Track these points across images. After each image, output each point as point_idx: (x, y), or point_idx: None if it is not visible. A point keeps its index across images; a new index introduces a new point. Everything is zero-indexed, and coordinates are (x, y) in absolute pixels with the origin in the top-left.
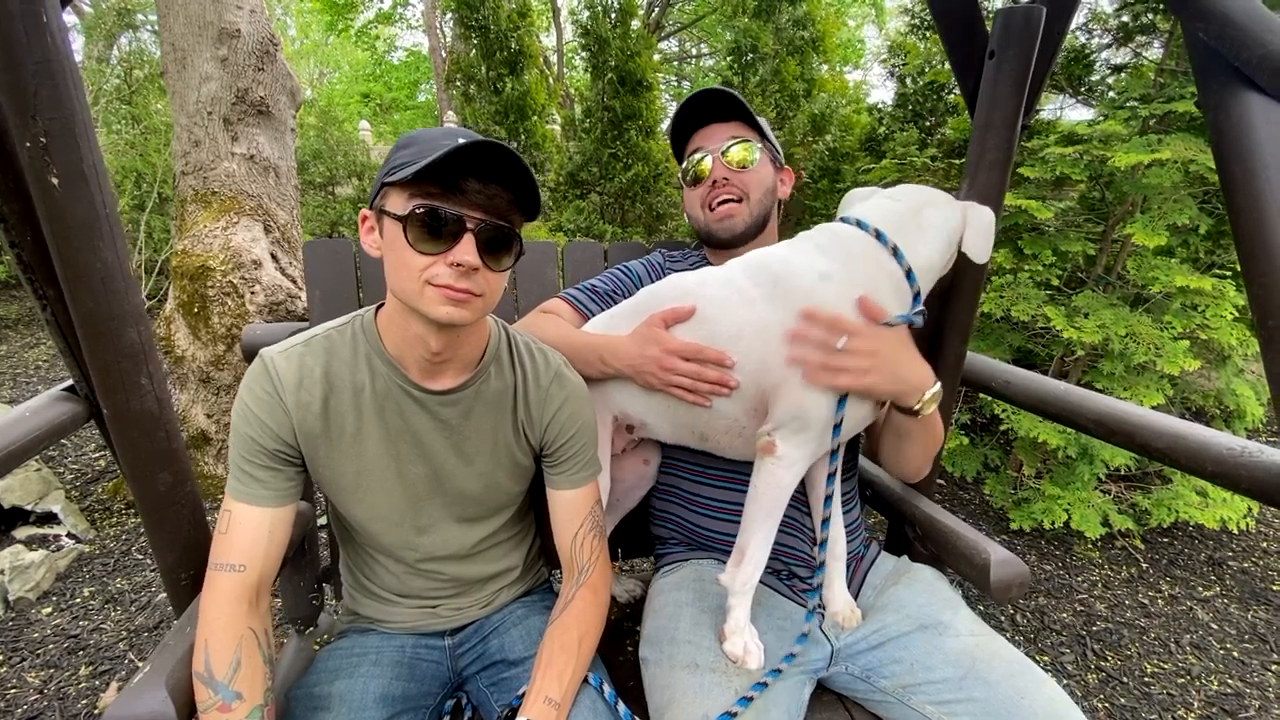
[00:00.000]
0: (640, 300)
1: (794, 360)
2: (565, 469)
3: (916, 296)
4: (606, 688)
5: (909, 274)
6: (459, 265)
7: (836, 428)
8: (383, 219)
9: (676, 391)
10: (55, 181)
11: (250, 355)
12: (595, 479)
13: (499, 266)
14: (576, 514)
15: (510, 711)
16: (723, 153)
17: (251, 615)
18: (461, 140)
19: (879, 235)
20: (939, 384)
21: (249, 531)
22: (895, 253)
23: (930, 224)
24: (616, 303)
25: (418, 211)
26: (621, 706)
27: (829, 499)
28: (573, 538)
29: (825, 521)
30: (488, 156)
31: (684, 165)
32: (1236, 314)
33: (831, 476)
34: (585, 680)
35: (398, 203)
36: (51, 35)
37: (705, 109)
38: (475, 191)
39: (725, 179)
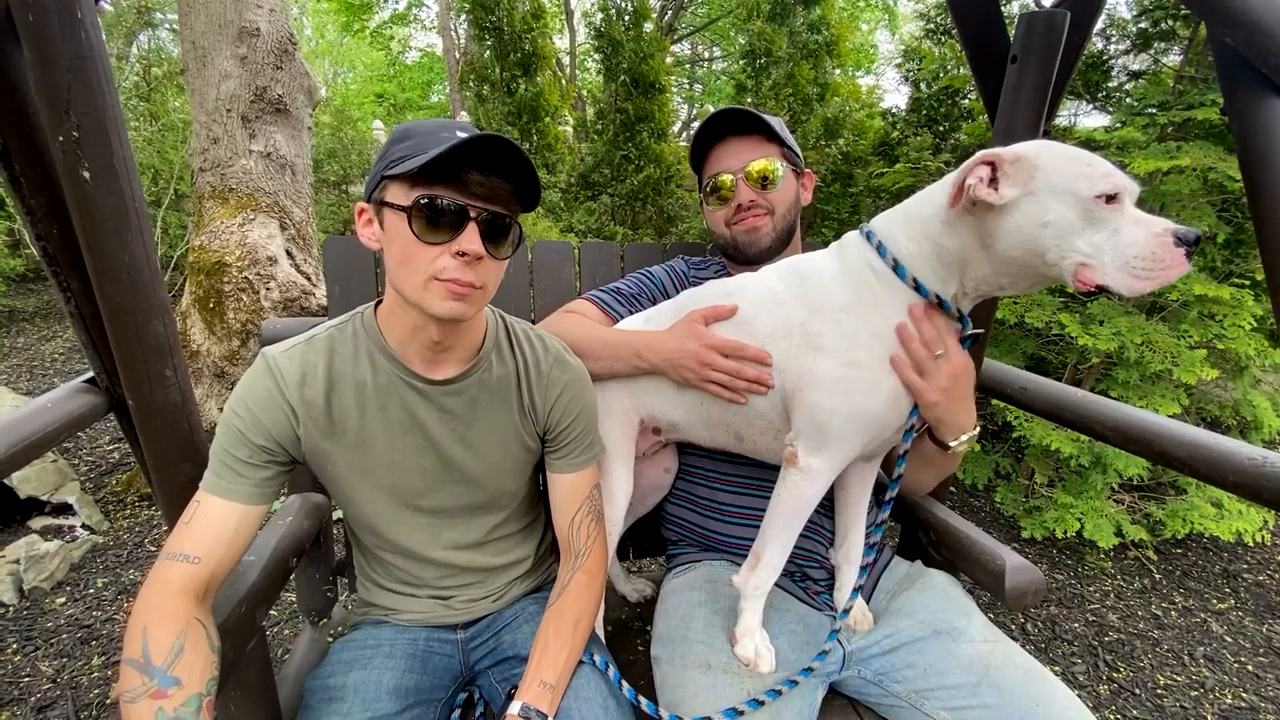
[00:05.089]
0: (681, 302)
1: (899, 331)
2: (566, 452)
3: (920, 288)
4: (611, 669)
5: (896, 267)
6: (463, 254)
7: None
8: (383, 211)
9: (712, 388)
10: (86, 175)
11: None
12: (595, 463)
13: (500, 255)
14: (575, 497)
15: (513, 690)
16: (745, 174)
17: (199, 608)
18: (462, 134)
19: (868, 235)
20: (978, 429)
21: (213, 526)
22: (876, 246)
23: (919, 206)
24: (641, 306)
25: (422, 203)
26: (626, 686)
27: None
28: (570, 521)
29: (871, 549)
30: (489, 149)
31: (705, 184)
32: (1255, 324)
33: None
34: (592, 663)
35: (400, 194)
36: (85, 31)
37: (723, 124)
38: (477, 183)
39: (752, 201)
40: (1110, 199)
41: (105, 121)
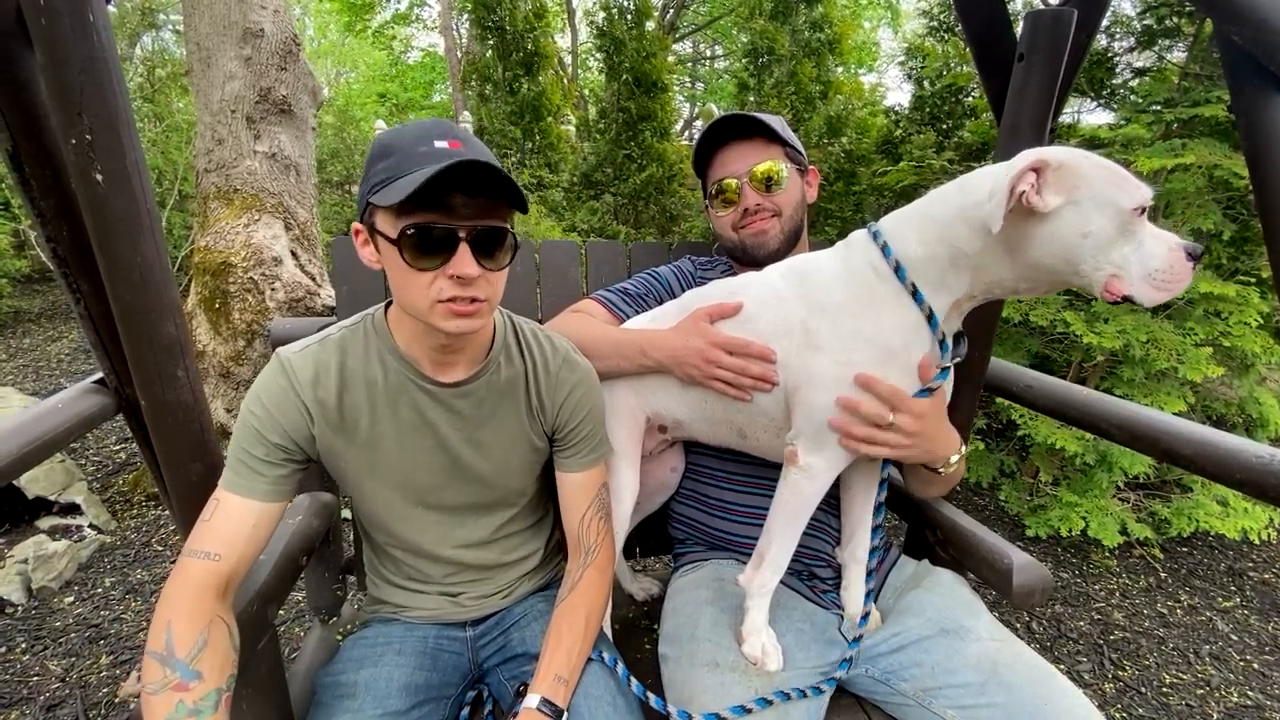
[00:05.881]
0: (686, 301)
1: (837, 426)
2: (575, 451)
3: (917, 295)
4: (620, 667)
5: (897, 270)
6: (459, 277)
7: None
8: (375, 236)
9: (717, 385)
10: (99, 177)
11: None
12: (603, 461)
13: (497, 266)
14: (584, 496)
15: (523, 687)
16: (750, 177)
17: (221, 604)
18: (440, 144)
19: (874, 235)
20: (964, 447)
21: (232, 523)
22: (882, 246)
23: (933, 208)
24: (648, 306)
25: (409, 233)
26: (635, 683)
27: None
28: (580, 519)
29: (873, 553)
30: (468, 169)
31: (710, 189)
32: (1261, 321)
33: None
34: (601, 660)
35: (387, 224)
36: (97, 33)
37: (725, 129)
38: (462, 204)
39: (759, 205)
40: (1141, 211)
41: (117, 124)
